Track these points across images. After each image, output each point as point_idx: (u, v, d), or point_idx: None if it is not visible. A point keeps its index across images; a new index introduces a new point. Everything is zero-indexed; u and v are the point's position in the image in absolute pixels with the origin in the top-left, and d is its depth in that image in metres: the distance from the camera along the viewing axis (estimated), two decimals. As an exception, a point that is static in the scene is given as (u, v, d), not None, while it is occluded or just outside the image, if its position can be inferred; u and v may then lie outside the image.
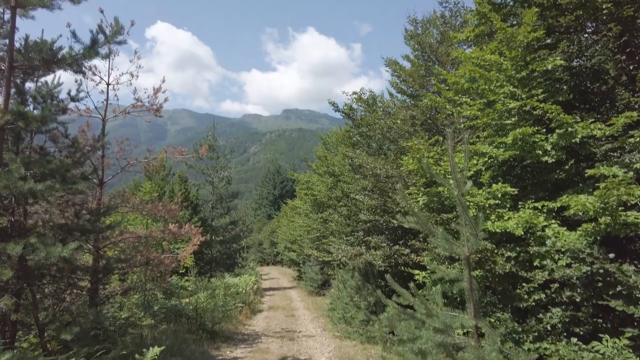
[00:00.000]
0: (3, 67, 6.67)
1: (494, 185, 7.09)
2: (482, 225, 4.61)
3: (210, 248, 23.35)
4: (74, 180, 7.87)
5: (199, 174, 25.64)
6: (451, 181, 5.46)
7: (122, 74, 9.95)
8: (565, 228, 6.34)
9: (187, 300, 12.20)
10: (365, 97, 11.94)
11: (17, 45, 7.24)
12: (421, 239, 8.60)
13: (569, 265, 5.98)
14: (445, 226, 7.29)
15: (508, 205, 6.97)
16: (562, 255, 6.12)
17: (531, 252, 6.37)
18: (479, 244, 4.88)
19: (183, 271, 16.59)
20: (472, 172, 7.66)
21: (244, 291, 16.76)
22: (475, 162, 7.68)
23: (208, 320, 10.83)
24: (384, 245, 9.74)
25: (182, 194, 17.04)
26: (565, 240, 5.98)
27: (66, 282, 8.30)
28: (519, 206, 7.03)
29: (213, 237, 23.67)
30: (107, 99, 9.93)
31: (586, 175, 6.26)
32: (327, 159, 16.35)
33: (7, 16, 8.48)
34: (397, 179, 9.39)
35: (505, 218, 6.72)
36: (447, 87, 9.01)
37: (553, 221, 6.44)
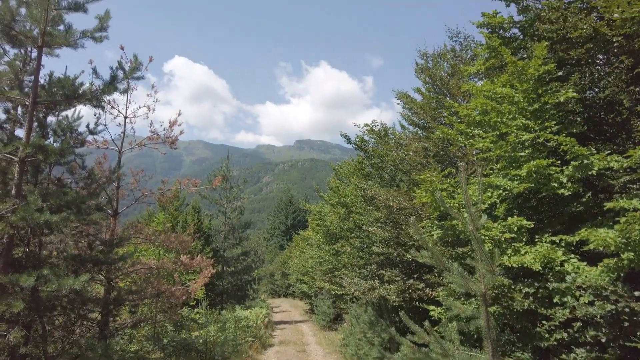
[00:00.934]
0: (27, 103, 6.94)
1: (509, 218, 6.94)
2: (498, 260, 4.49)
3: (221, 279, 23.15)
4: (88, 211, 7.99)
5: (212, 204, 25.81)
6: (465, 214, 5.37)
7: (140, 107, 10.25)
8: (585, 263, 6.12)
9: (197, 333, 12.00)
10: (377, 129, 12.02)
11: (41, 81, 7.56)
12: (436, 274, 8.39)
13: (591, 303, 5.73)
14: (460, 261, 7.12)
15: (524, 239, 6.80)
16: (583, 292, 5.88)
17: (550, 288, 6.14)
18: (496, 279, 4.73)
19: (194, 303, 16.40)
20: (486, 205, 7.54)
21: (254, 325, 16.45)
22: (489, 194, 7.57)
23: (218, 354, 10.60)
24: (398, 279, 9.52)
25: (195, 225, 17.10)
26: (586, 277, 5.76)
27: (77, 314, 8.28)
28: (536, 240, 6.84)
29: (224, 268, 23.52)
30: (124, 132, 10.19)
31: (605, 208, 6.10)
32: (339, 189, 16.33)
33: (33, 54, 8.94)
34: (410, 211, 9.29)
35: (522, 252, 6.53)
36: (459, 120, 9.03)
37: (572, 256, 6.23)
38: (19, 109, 9.01)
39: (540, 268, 6.15)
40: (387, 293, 9.33)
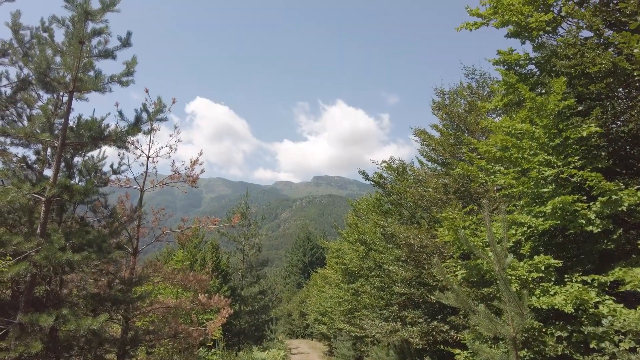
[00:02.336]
0: (56, 144, 7.21)
1: (535, 257, 6.68)
2: (527, 302, 4.28)
3: (238, 319, 22.73)
4: (109, 250, 8.05)
5: (231, 241, 25.80)
6: (490, 253, 5.20)
7: (162, 147, 10.53)
8: (622, 305, 5.77)
9: (213, 376, 11.66)
10: (395, 166, 11.99)
11: (70, 123, 7.89)
12: (461, 315, 8.04)
13: (633, 350, 5.35)
14: (486, 302, 6.81)
15: (553, 279, 6.49)
16: (623, 337, 5.51)
17: (586, 332, 5.78)
18: (525, 322, 4.48)
19: (210, 344, 16.07)
20: (511, 243, 7.30)
21: (272, 367, 15.92)
22: (513, 232, 7.34)
23: (234, 399, 10.21)
24: (421, 320, 9.16)
25: (213, 263, 17.04)
26: (624, 320, 5.41)
27: (93, 355, 8.18)
28: (566, 280, 6.52)
29: (242, 307, 23.15)
30: (146, 171, 10.43)
31: (639, 246, 5.82)
32: (357, 226, 16.15)
33: (64, 98, 9.39)
34: (432, 250, 9.06)
35: (552, 293, 6.22)
36: (479, 156, 8.94)
37: (607, 297, 5.89)
38: (49, 150, 9.39)
39: (573, 310, 5.83)
40: (410, 335, 8.95)
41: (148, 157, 10.37)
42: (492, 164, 8.37)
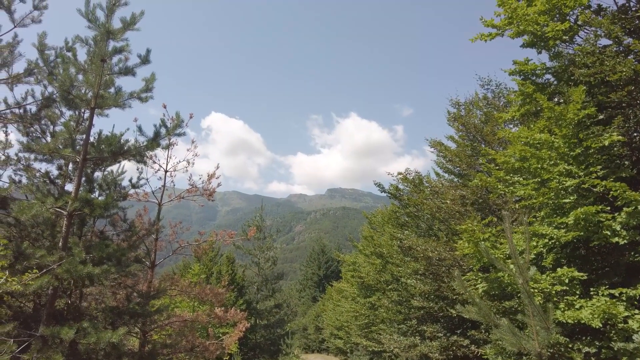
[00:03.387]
0: (78, 160, 7.38)
1: (558, 269, 6.50)
2: (552, 316, 4.16)
3: (254, 333, 22.60)
4: (127, 264, 8.14)
5: (246, 254, 25.82)
6: (511, 266, 5.08)
7: (180, 161, 10.67)
8: (653, 320, 5.56)
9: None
10: (411, 178, 11.90)
11: (90, 139, 8.07)
12: (483, 330, 7.84)
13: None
14: (508, 316, 6.63)
15: (578, 292, 6.30)
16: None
17: (616, 349, 5.56)
18: (551, 337, 4.34)
19: (227, 358, 15.98)
20: (532, 255, 7.13)
21: (288, 382, 15.71)
22: (534, 243, 7.17)
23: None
24: (440, 335, 8.97)
25: (229, 276, 17.05)
26: (656, 336, 5.20)
27: (112, 369, 8.20)
28: (591, 293, 6.32)
29: (257, 320, 23.02)
30: (164, 185, 10.56)
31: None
32: (373, 239, 16.01)
33: (85, 114, 9.65)
34: (450, 262, 8.91)
35: (577, 307, 6.03)
36: (497, 167, 8.82)
37: (637, 311, 5.68)
38: (70, 165, 9.61)
39: (601, 325, 5.63)
40: (429, 350, 8.76)
41: (166, 171, 10.51)
42: (511, 174, 8.25)
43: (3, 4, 7.95)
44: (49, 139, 9.34)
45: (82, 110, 9.44)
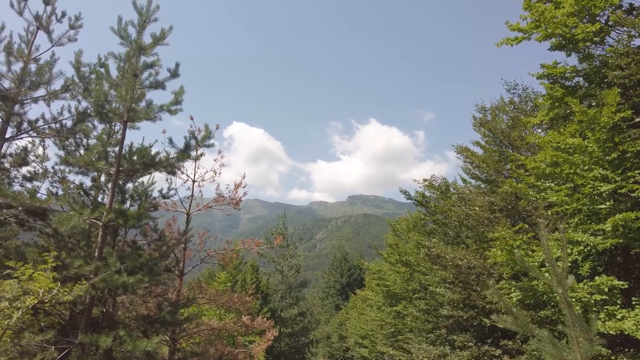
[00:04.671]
0: (112, 172, 7.62)
1: (596, 278, 6.29)
2: (596, 326, 4.03)
3: (279, 341, 22.64)
4: (158, 272, 8.31)
5: (269, 262, 25.96)
6: (546, 274, 4.95)
7: (207, 171, 10.88)
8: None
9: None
10: (437, 184, 11.76)
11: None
12: (519, 340, 7.63)
13: None
14: (544, 326, 6.44)
15: (619, 302, 6.07)
16: None
17: (661, 362, 5.33)
18: (594, 349, 4.20)
19: (253, 366, 16.03)
20: (568, 263, 6.92)
21: (314, 392, 15.62)
22: (568, 251, 6.97)
23: None
24: (470, 344, 8.78)
25: (253, 284, 17.17)
26: None
27: (145, 376, 8.35)
28: (634, 302, 6.08)
29: (282, 329, 23.06)
30: (192, 195, 10.77)
31: None
32: (398, 246, 15.83)
33: (116, 127, 9.97)
34: (480, 270, 8.74)
35: (619, 317, 5.81)
36: (527, 173, 8.63)
37: (683, 322, 5.44)
38: (102, 176, 9.93)
39: (645, 337, 5.40)
40: (460, 361, 8.58)
41: (194, 181, 10.72)
42: (542, 180, 8.05)
43: (42, 24, 8.35)
44: (82, 151, 9.69)
45: (113, 123, 9.76)
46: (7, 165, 8.42)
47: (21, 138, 8.70)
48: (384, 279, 17.05)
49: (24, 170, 9.11)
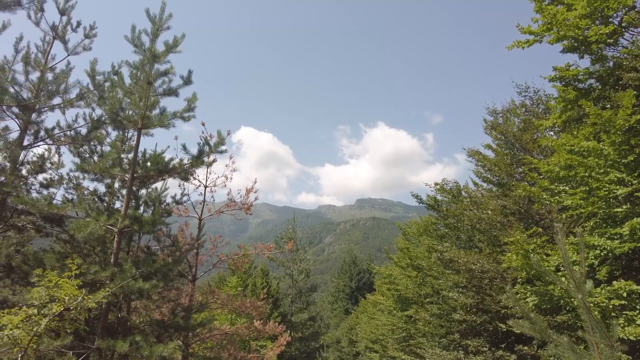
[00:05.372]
0: (126, 178, 7.72)
1: (614, 282, 6.21)
2: (616, 332, 3.98)
3: (289, 346, 22.61)
4: (172, 278, 8.38)
5: (279, 266, 25.99)
6: (562, 278, 4.90)
7: (218, 176, 10.96)
8: None
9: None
10: (449, 188, 11.70)
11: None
12: (535, 345, 7.55)
13: None
14: (564, 332, 6.37)
15: (638, 307, 5.98)
16: None
17: (682, 368, 5.24)
18: (616, 355, 4.15)
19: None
20: (585, 268, 6.84)
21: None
22: (584, 255, 6.88)
23: None
24: (485, 349, 8.70)
25: (265, 289, 17.19)
26: None
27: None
28: (653, 308, 5.99)
29: (292, 333, 23.03)
30: (204, 200, 10.85)
31: None
32: (409, 250, 15.76)
33: (128, 134, 10.10)
34: (493, 275, 8.67)
35: (638, 322, 5.73)
36: (541, 176, 8.57)
37: None
38: (116, 182, 10.05)
39: (665, 342, 5.32)
40: (474, 366, 8.50)
41: (205, 186, 10.81)
42: (556, 184, 7.98)
43: (58, 34, 8.51)
44: (96, 158, 9.83)
45: (126, 130, 9.89)
46: (24, 172, 8.57)
47: (38, 146, 8.85)
48: (395, 283, 16.98)
49: (40, 177, 9.28)
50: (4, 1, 5.76)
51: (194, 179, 10.66)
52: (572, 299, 6.01)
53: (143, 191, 9.76)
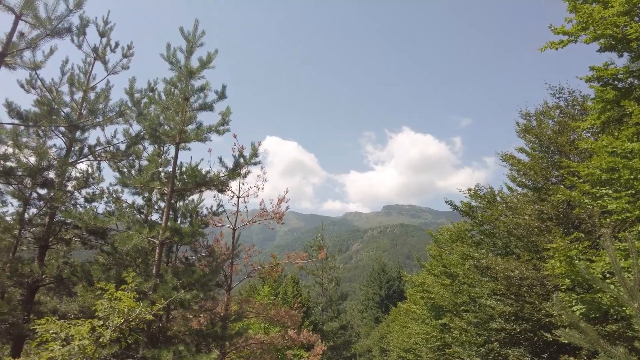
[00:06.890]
0: (166, 191, 7.99)
1: (667, 289, 5.91)
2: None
3: (322, 355, 22.53)
4: (210, 288, 8.57)
5: (309, 274, 26.02)
6: (611, 286, 4.74)
7: (250, 187, 11.16)
8: None
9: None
10: (482, 193, 11.48)
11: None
12: (584, 355, 7.27)
13: None
14: (613, 342, 6.11)
15: (694, 316, 5.67)
16: None
17: None
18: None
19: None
20: (638, 275, 6.55)
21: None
22: (632, 261, 6.59)
23: None
24: (526, 359, 8.43)
25: (297, 297, 17.25)
26: None
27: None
28: None
29: (324, 342, 22.95)
30: (237, 210, 11.06)
31: None
32: (442, 257, 15.50)
33: (164, 148, 10.44)
34: (532, 282, 8.42)
35: (695, 332, 5.43)
36: (581, 180, 8.30)
37: None
38: (154, 196, 10.40)
39: None
40: (516, 377, 8.25)
41: (239, 197, 11.02)
42: (598, 187, 7.71)
43: (99, 55, 8.96)
44: (133, 172, 10.22)
45: (162, 145, 10.25)
46: (70, 188, 9.01)
47: (82, 162, 9.29)
48: (429, 291, 16.70)
49: (84, 192, 9.73)
50: (57, 29, 6.15)
51: (228, 190, 10.92)
52: (624, 308, 5.76)
53: (180, 203, 10.05)
